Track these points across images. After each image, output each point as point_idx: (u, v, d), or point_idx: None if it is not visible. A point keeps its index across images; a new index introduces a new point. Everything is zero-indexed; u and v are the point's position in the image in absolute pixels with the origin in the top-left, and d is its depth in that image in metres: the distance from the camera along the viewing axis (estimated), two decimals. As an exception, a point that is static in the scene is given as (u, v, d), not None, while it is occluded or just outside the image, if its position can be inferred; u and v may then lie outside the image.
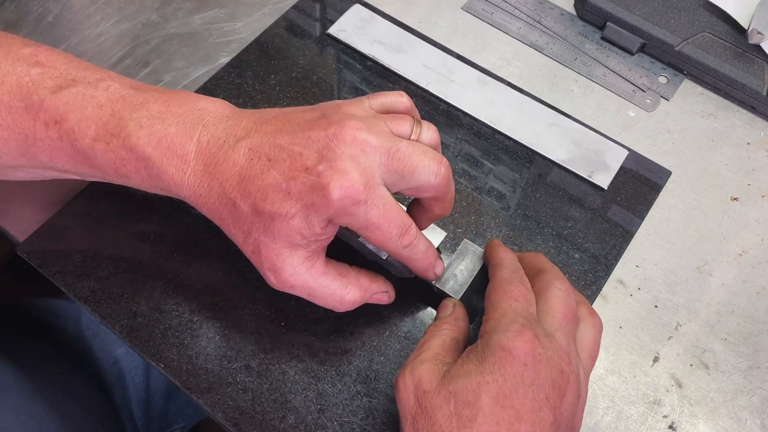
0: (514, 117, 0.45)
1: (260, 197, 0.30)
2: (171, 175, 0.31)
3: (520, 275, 0.33)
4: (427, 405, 0.28)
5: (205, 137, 0.31)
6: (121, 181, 0.33)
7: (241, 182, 0.30)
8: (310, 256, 0.31)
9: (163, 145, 0.31)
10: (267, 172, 0.30)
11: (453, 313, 0.34)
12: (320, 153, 0.29)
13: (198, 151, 0.31)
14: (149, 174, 0.32)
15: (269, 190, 0.30)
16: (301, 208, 0.29)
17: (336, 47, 0.48)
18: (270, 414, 0.34)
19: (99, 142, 0.31)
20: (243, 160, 0.30)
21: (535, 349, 0.28)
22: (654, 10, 0.48)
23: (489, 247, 0.36)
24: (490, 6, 0.51)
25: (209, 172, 0.31)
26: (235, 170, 0.30)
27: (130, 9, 0.49)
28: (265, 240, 0.30)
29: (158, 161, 0.31)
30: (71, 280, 0.37)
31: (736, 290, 0.39)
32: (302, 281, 0.31)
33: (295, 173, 0.29)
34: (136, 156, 0.31)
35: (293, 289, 0.32)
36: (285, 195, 0.29)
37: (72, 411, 0.45)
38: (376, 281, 0.35)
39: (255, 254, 0.31)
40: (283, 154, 0.30)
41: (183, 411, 0.59)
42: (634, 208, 0.42)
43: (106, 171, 0.32)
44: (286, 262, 0.31)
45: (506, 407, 0.27)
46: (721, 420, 0.35)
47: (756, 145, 0.45)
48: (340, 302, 0.33)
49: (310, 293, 0.32)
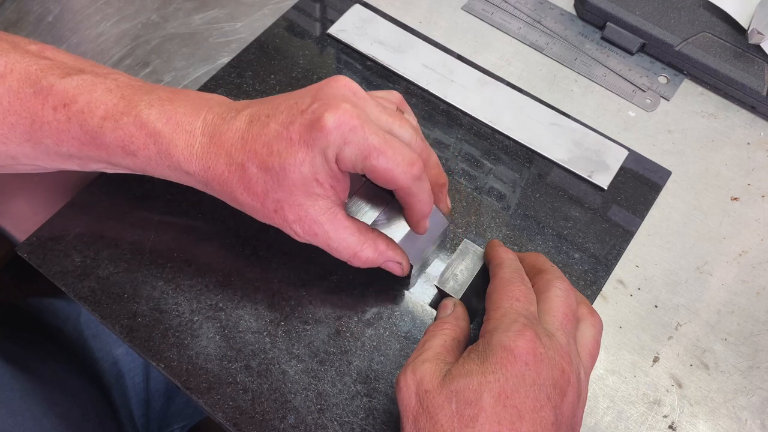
0: (514, 117, 0.45)
1: (266, 152, 0.31)
2: (180, 149, 0.32)
3: (520, 275, 0.33)
4: (428, 404, 0.28)
5: (209, 115, 0.33)
6: (127, 160, 0.33)
7: (245, 144, 0.31)
8: (330, 207, 0.32)
9: (173, 122, 0.32)
10: (267, 126, 0.31)
11: (453, 313, 0.34)
12: (313, 97, 0.31)
13: (204, 126, 0.32)
14: (158, 149, 0.32)
15: (272, 142, 0.31)
16: (307, 151, 0.30)
17: (336, 47, 0.48)
18: (270, 414, 0.34)
19: (108, 120, 0.32)
20: (244, 125, 0.32)
21: (537, 349, 0.28)
22: (654, 10, 0.48)
23: (489, 247, 0.36)
24: (490, 6, 0.51)
25: (214, 142, 0.32)
26: (238, 134, 0.32)
27: (130, 9, 0.49)
28: (283, 195, 0.31)
29: (168, 135, 0.32)
30: (71, 280, 0.37)
31: (736, 290, 0.39)
32: (323, 230, 0.32)
33: (292, 118, 0.31)
34: (146, 132, 0.32)
35: (315, 237, 0.33)
36: (288, 142, 0.30)
37: (70, 411, 0.45)
38: (393, 248, 0.35)
39: (277, 212, 0.32)
40: (280, 108, 0.31)
41: (182, 411, 0.59)
42: (634, 208, 0.42)
43: (113, 150, 0.33)
44: (309, 210, 0.32)
45: (508, 407, 0.27)
46: (721, 420, 0.35)
47: (756, 145, 0.45)
48: (355, 256, 0.34)
49: (329, 243, 0.33)
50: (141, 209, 0.40)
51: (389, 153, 0.30)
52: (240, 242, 0.39)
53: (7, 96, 0.32)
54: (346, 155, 0.30)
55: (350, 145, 0.30)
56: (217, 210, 0.40)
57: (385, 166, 0.30)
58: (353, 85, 0.32)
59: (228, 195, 0.33)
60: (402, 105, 0.36)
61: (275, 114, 0.31)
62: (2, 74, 0.32)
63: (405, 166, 0.31)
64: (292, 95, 0.32)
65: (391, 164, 0.30)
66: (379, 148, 0.30)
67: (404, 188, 0.32)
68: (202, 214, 0.40)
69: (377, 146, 0.30)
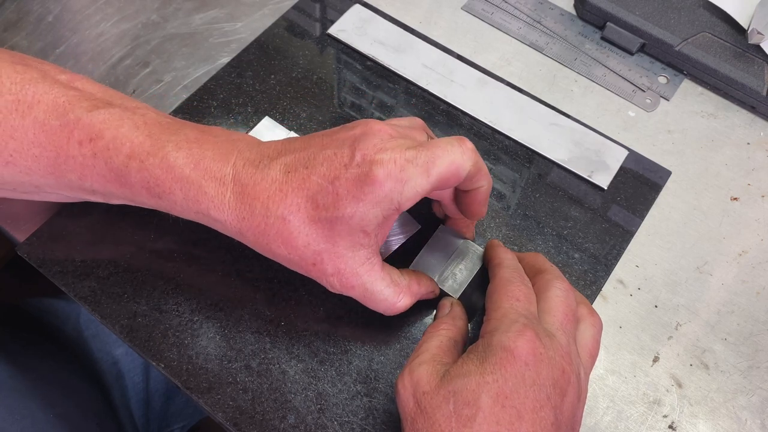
0: (514, 117, 0.45)
1: (311, 206, 0.30)
2: (211, 197, 0.31)
3: (520, 275, 0.33)
4: (426, 405, 0.28)
5: (240, 161, 0.31)
6: (152, 202, 0.32)
7: (285, 197, 0.30)
8: (369, 257, 0.31)
9: (201, 167, 0.31)
10: (308, 179, 0.30)
11: (450, 313, 0.34)
12: (352, 148, 0.30)
13: (235, 174, 0.31)
14: (185, 196, 0.31)
15: (317, 197, 0.30)
16: (357, 206, 0.29)
17: (336, 47, 0.48)
18: (270, 414, 0.34)
19: (134, 160, 0.31)
20: (280, 175, 0.30)
21: (537, 349, 0.28)
22: (654, 10, 0.48)
23: (489, 247, 0.36)
24: (490, 6, 0.51)
25: (248, 192, 0.31)
26: (275, 186, 0.30)
27: (130, 9, 0.49)
28: (326, 247, 0.30)
29: (197, 182, 0.31)
30: (71, 280, 0.37)
31: (736, 290, 0.39)
32: (361, 282, 0.32)
33: (336, 172, 0.30)
34: (173, 176, 0.31)
35: (353, 289, 0.32)
36: (335, 197, 0.29)
37: (69, 410, 0.45)
38: (424, 285, 0.35)
39: (316, 265, 0.31)
40: (318, 159, 0.30)
41: (182, 411, 0.59)
42: (634, 207, 0.42)
43: (137, 190, 0.32)
44: (348, 263, 0.31)
45: (507, 407, 0.27)
46: (721, 420, 0.35)
47: (756, 145, 0.45)
48: (391, 308, 0.33)
49: (365, 296, 0.32)
50: (141, 209, 0.40)
51: (441, 152, 0.30)
52: (240, 242, 0.39)
53: (33, 128, 0.31)
54: (409, 193, 0.29)
55: (409, 182, 0.29)
56: (217, 210, 0.40)
57: (448, 162, 0.30)
58: (387, 128, 0.31)
59: (263, 246, 0.32)
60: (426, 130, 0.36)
61: (314, 166, 0.30)
62: (30, 105, 0.32)
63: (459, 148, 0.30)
64: (325, 142, 0.31)
65: (450, 156, 0.30)
66: (431, 157, 0.30)
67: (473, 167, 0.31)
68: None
69: (428, 158, 0.29)
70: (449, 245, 0.36)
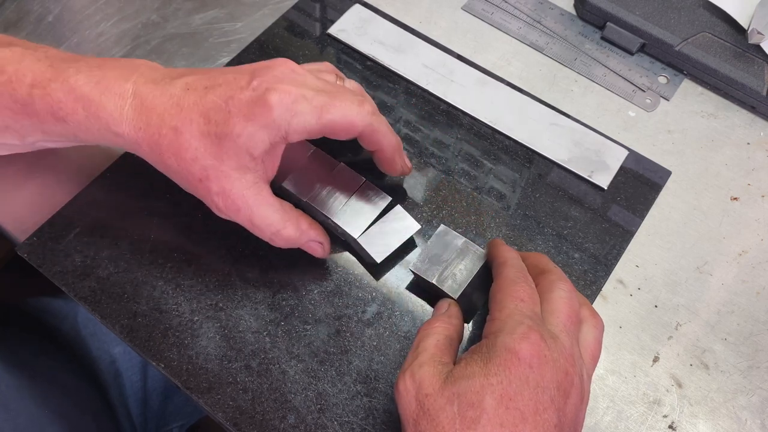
0: (514, 117, 0.45)
1: (203, 121, 0.31)
2: (110, 111, 0.32)
3: (524, 274, 0.33)
4: (429, 407, 0.27)
5: (141, 79, 0.33)
6: (59, 127, 0.33)
7: (180, 110, 0.32)
8: (257, 182, 0.32)
9: (102, 85, 0.32)
10: (205, 97, 0.31)
11: (447, 312, 0.34)
12: (252, 74, 0.32)
13: (135, 90, 0.32)
14: (87, 113, 0.32)
15: (210, 113, 0.31)
16: (246, 125, 0.31)
17: (336, 47, 0.48)
18: (270, 414, 0.34)
19: (36, 88, 0.32)
20: (180, 92, 0.32)
21: (541, 351, 0.28)
22: (654, 10, 0.48)
23: (491, 246, 0.36)
24: (490, 6, 0.51)
25: (147, 105, 0.32)
26: (173, 100, 0.32)
27: (130, 9, 0.49)
28: (213, 163, 0.32)
29: (97, 98, 0.32)
30: (71, 279, 0.37)
31: (736, 290, 0.39)
32: (247, 205, 0.32)
33: (232, 92, 0.31)
34: (74, 97, 0.32)
35: (237, 212, 0.33)
36: (227, 114, 0.31)
37: (66, 408, 0.45)
38: (315, 228, 0.36)
39: (202, 181, 0.32)
40: (218, 81, 0.32)
41: (181, 410, 0.59)
42: (634, 207, 0.42)
43: (43, 117, 0.33)
44: (234, 184, 0.32)
45: (510, 409, 0.27)
46: (721, 420, 0.35)
47: (756, 145, 0.45)
48: (276, 235, 0.34)
49: (251, 220, 0.33)
50: (141, 209, 0.40)
51: (338, 103, 0.32)
52: (240, 242, 0.39)
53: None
54: (297, 125, 0.31)
55: (299, 115, 0.31)
56: (217, 210, 0.40)
57: (341, 115, 0.32)
58: (291, 64, 0.33)
59: (156, 158, 0.33)
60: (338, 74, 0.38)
61: (213, 87, 0.32)
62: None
63: (357, 107, 0.32)
64: (228, 70, 0.33)
65: (346, 110, 0.32)
66: (329, 103, 0.32)
67: (366, 127, 0.33)
68: (202, 213, 0.40)
69: (326, 103, 0.31)
70: (449, 245, 0.36)
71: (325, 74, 0.36)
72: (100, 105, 0.32)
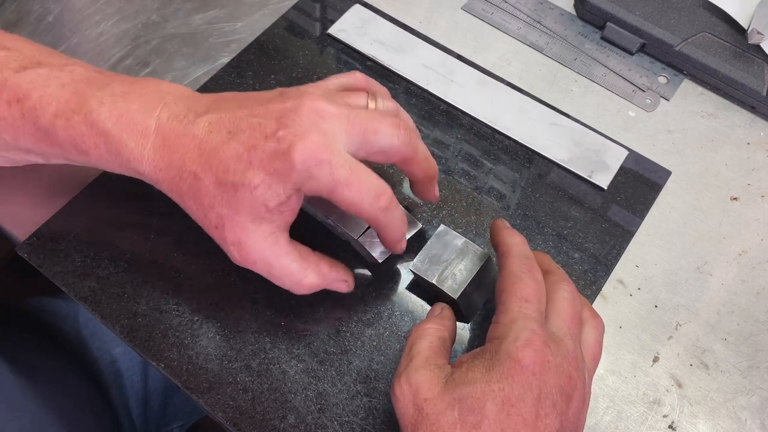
0: (514, 117, 0.45)
1: (222, 169, 0.30)
2: (131, 150, 0.31)
3: (530, 265, 0.31)
4: (429, 412, 0.27)
5: (165, 114, 0.32)
6: (82, 158, 0.33)
7: (201, 155, 0.31)
8: (273, 232, 0.31)
9: (124, 121, 0.31)
10: (227, 143, 0.30)
11: (440, 315, 0.34)
12: (279, 121, 0.30)
13: (158, 126, 0.31)
14: (108, 150, 0.32)
15: (230, 161, 0.30)
16: (264, 177, 0.29)
17: (336, 47, 0.48)
18: (270, 414, 0.34)
19: (60, 118, 0.31)
20: (203, 133, 0.31)
21: (545, 358, 0.27)
22: (654, 10, 0.48)
23: (494, 229, 0.35)
24: (490, 6, 0.51)
25: (169, 145, 0.31)
26: (195, 143, 0.31)
27: (130, 9, 0.49)
28: (228, 213, 0.31)
29: (117, 136, 0.31)
30: (71, 279, 0.37)
31: (736, 290, 0.39)
32: (264, 257, 0.32)
33: (255, 142, 0.30)
34: (96, 132, 0.31)
35: (254, 264, 0.32)
36: (247, 164, 0.30)
37: (67, 409, 0.45)
38: (336, 269, 0.35)
39: (218, 229, 0.31)
40: (242, 125, 0.31)
41: (181, 410, 0.59)
42: (634, 207, 0.42)
43: (65, 148, 0.32)
44: (250, 236, 0.31)
45: (512, 415, 0.26)
46: (721, 420, 0.35)
47: (756, 145, 0.45)
48: (298, 284, 0.33)
49: (270, 271, 0.32)
50: (141, 209, 0.40)
51: (355, 187, 0.30)
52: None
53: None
54: (311, 187, 0.30)
55: (315, 180, 0.30)
56: (217, 210, 0.40)
57: (351, 200, 0.30)
58: (321, 104, 0.31)
59: (177, 198, 0.32)
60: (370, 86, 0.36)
61: (237, 132, 0.30)
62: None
63: (371, 198, 0.31)
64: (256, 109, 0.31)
65: (356, 198, 0.30)
66: (345, 182, 0.30)
67: (372, 219, 0.32)
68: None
69: (343, 180, 0.30)
70: (449, 245, 0.36)
71: (356, 96, 0.34)
72: (121, 143, 0.31)
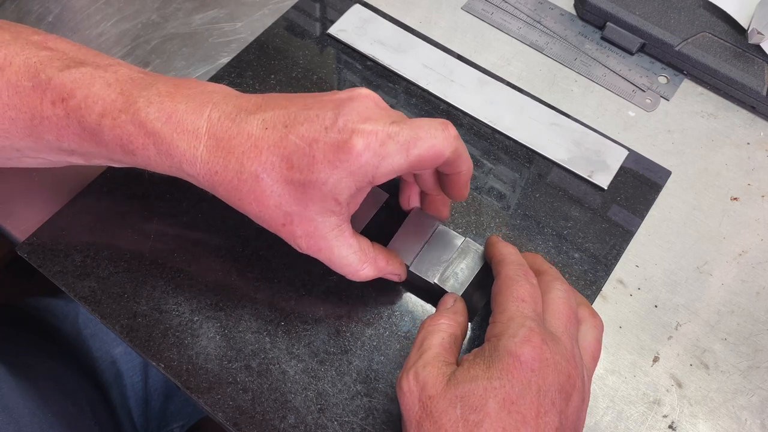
0: (514, 117, 0.45)
1: (285, 166, 0.29)
2: (182, 151, 0.30)
3: (524, 270, 0.32)
4: (432, 409, 0.27)
5: (215, 113, 0.31)
6: (128, 159, 0.32)
7: (260, 154, 0.30)
8: (339, 224, 0.31)
9: (173, 121, 0.30)
10: (285, 138, 0.29)
11: (452, 308, 0.34)
12: (336, 111, 0.29)
13: (209, 127, 0.30)
14: (158, 150, 0.31)
15: (292, 157, 0.29)
16: (331, 172, 0.29)
17: (336, 47, 0.48)
18: (270, 414, 0.34)
19: (106, 118, 0.31)
20: (258, 131, 0.30)
21: (543, 354, 0.28)
22: (654, 10, 0.48)
23: (488, 244, 0.36)
24: (490, 6, 0.51)
25: (223, 146, 0.30)
26: (251, 142, 0.30)
27: (130, 9, 0.49)
28: (297, 210, 0.30)
29: (168, 136, 0.30)
30: (71, 279, 0.37)
31: (736, 290, 0.39)
32: (328, 246, 0.32)
33: (316, 134, 0.29)
34: (145, 131, 0.30)
35: (319, 251, 0.32)
36: (311, 159, 0.29)
37: (67, 409, 0.45)
38: (392, 263, 0.35)
39: (285, 226, 0.31)
40: (299, 119, 0.30)
41: (181, 410, 0.59)
42: (634, 207, 0.42)
43: (112, 148, 0.32)
44: (318, 227, 0.31)
45: (513, 412, 0.27)
46: (721, 420, 0.35)
47: (756, 145, 0.45)
48: (354, 274, 0.34)
49: (330, 259, 0.33)
50: (141, 209, 0.40)
51: (422, 133, 0.30)
52: (240, 242, 0.39)
53: (6, 90, 0.31)
54: (386, 169, 0.29)
55: (388, 158, 0.29)
56: (217, 210, 0.40)
57: (428, 147, 0.30)
58: (374, 96, 0.31)
59: (235, 201, 0.31)
60: None
61: (293, 125, 0.30)
62: (1, 67, 0.31)
63: (441, 132, 0.30)
64: (309, 102, 0.31)
65: (431, 140, 0.30)
66: (413, 137, 0.29)
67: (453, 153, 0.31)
68: (202, 213, 0.40)
69: (410, 137, 0.29)
70: (450, 244, 0.36)
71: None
72: (172, 144, 0.30)
